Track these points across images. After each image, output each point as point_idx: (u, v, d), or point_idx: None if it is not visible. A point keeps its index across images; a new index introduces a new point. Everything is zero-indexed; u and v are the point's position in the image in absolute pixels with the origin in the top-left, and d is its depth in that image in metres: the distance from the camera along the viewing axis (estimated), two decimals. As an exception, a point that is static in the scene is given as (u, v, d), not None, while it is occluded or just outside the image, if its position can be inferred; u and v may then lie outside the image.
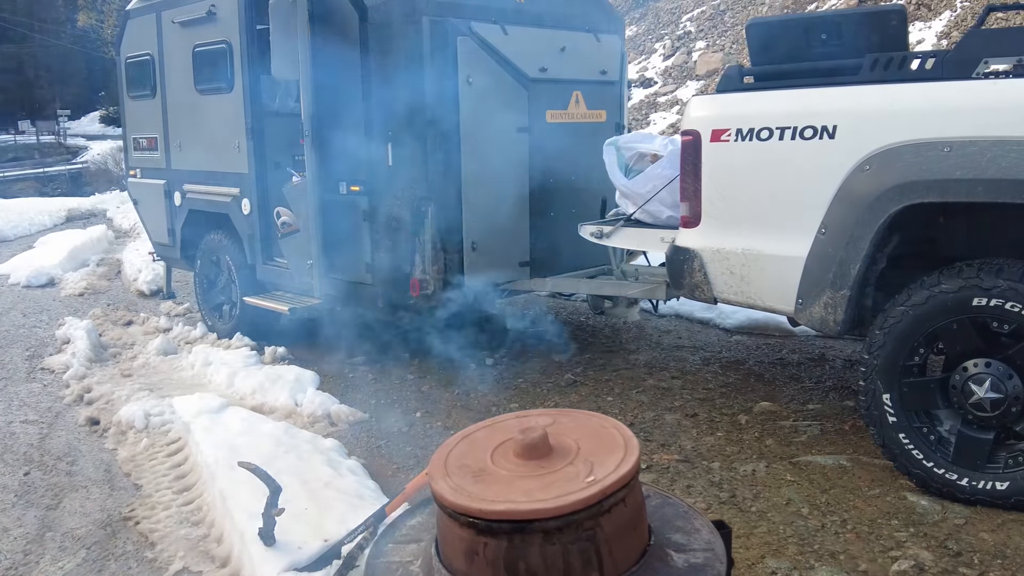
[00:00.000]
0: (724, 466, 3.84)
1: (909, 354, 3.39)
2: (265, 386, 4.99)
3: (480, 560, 1.34)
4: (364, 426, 4.64)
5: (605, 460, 1.39)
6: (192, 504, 3.76)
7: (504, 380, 5.25)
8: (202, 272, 6.64)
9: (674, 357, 5.54)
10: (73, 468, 4.33)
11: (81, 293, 8.71)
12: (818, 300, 3.60)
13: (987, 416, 3.26)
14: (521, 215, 5.33)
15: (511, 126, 5.23)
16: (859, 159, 3.43)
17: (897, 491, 3.48)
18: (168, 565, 3.31)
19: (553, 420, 1.54)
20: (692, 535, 1.50)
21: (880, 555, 3.03)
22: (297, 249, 5.40)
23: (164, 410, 4.66)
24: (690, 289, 4.07)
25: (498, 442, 1.51)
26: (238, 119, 5.83)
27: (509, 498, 1.32)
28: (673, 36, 16.74)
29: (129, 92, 7.16)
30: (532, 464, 1.41)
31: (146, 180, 7.06)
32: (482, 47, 5.09)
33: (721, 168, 3.85)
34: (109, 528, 3.66)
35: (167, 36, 6.50)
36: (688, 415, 4.49)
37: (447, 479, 1.39)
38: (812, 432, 4.14)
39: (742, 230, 3.83)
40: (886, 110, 3.40)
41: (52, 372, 5.96)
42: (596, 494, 1.30)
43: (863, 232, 3.42)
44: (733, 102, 3.86)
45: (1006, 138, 3.09)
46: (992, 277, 3.17)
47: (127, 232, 12.82)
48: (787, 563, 3.01)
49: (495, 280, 5.35)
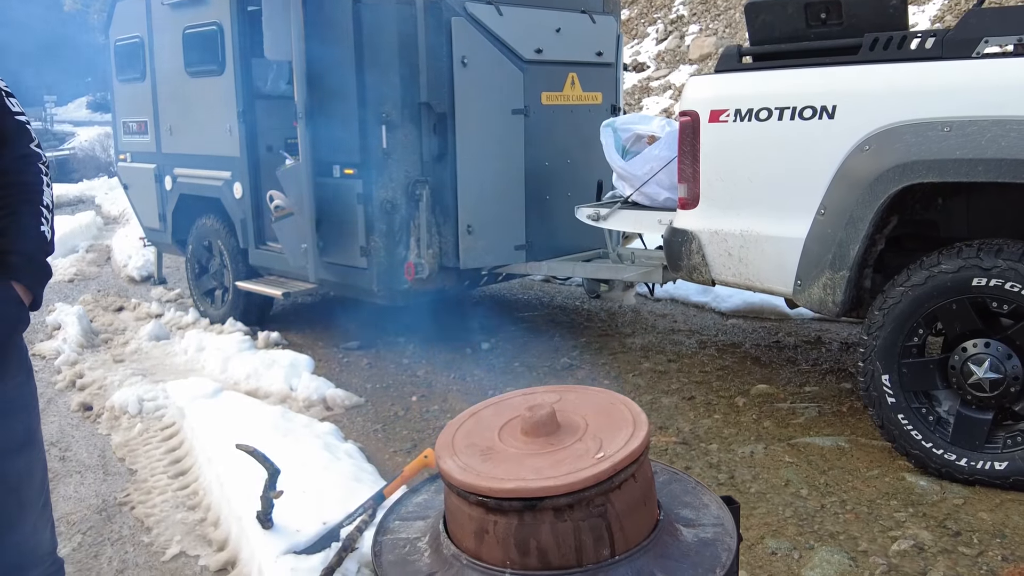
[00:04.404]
0: (722, 448, 3.84)
1: (908, 335, 3.39)
2: (260, 371, 4.95)
3: (491, 538, 1.32)
4: (360, 410, 4.62)
5: (614, 436, 1.37)
6: (188, 488, 3.74)
7: (500, 364, 5.24)
8: (194, 257, 6.59)
9: (670, 340, 5.53)
10: (67, 454, 4.29)
11: (71, 279, 8.64)
12: (817, 281, 3.59)
13: (986, 396, 3.26)
14: (516, 198, 5.29)
15: (506, 108, 5.18)
16: (859, 139, 3.41)
17: (896, 472, 3.48)
18: (165, 549, 3.29)
19: (560, 397, 1.52)
20: (701, 510, 1.49)
21: (880, 535, 3.03)
22: (291, 233, 5.35)
23: (158, 395, 4.63)
24: (688, 271, 4.05)
25: (505, 420, 1.49)
26: (229, 102, 5.76)
27: (519, 476, 1.30)
28: (666, 20, 16.66)
29: (118, 76, 7.07)
30: (541, 441, 1.39)
31: (136, 164, 6.99)
32: (477, 28, 5.04)
33: (719, 149, 3.82)
34: (104, 513, 3.64)
35: (157, 18, 6.41)
36: (685, 398, 4.48)
37: (455, 458, 1.37)
38: (810, 414, 4.14)
39: (741, 211, 3.81)
40: (886, 90, 3.38)
41: (43, 358, 5.90)
42: (607, 470, 1.28)
43: (863, 213, 3.41)
44: (731, 82, 3.83)
45: (1006, 118, 3.08)
46: (992, 257, 3.16)
47: (116, 219, 12.71)
48: (787, 543, 3.01)
49: (490, 263, 5.32)
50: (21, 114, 2.02)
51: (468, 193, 5.11)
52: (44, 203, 2.02)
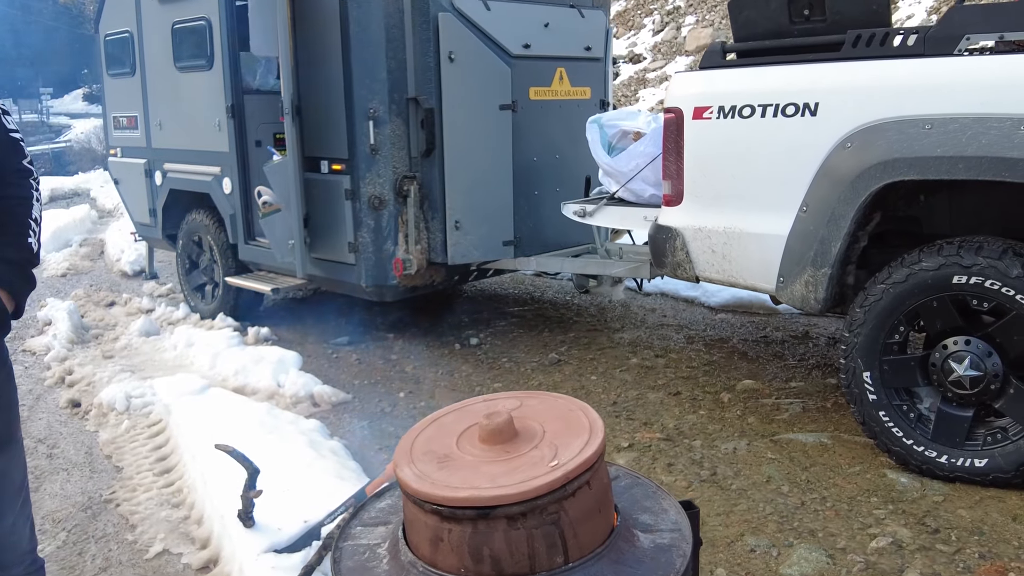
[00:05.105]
0: (705, 444, 3.85)
1: (889, 332, 3.39)
2: (248, 367, 4.96)
3: (445, 546, 1.32)
4: (347, 407, 4.63)
5: (570, 443, 1.37)
6: (173, 486, 3.75)
7: (489, 359, 5.24)
8: (184, 252, 6.59)
9: (659, 335, 5.54)
10: (54, 451, 4.31)
11: (63, 274, 8.64)
12: (799, 278, 3.59)
13: (966, 394, 3.27)
14: (505, 193, 5.29)
15: (494, 103, 5.17)
16: (841, 136, 3.41)
17: (877, 468, 3.49)
18: (148, 547, 3.31)
19: (521, 403, 1.53)
20: (660, 515, 1.49)
21: (859, 532, 3.05)
22: (278, 229, 5.35)
23: (145, 392, 4.64)
24: (672, 268, 4.06)
25: (466, 426, 1.49)
26: (218, 97, 5.75)
27: (473, 484, 1.30)
28: (662, 11, 16.61)
29: (109, 70, 7.05)
30: (498, 449, 1.39)
31: (127, 159, 6.98)
32: (464, 23, 5.02)
33: (703, 146, 3.82)
34: (90, 510, 3.65)
35: (146, 13, 6.40)
36: (671, 393, 4.49)
37: (412, 466, 1.38)
38: (794, 410, 4.16)
39: (724, 208, 3.81)
40: (868, 87, 3.37)
41: (33, 354, 5.91)
42: (559, 478, 1.29)
43: (844, 210, 3.41)
44: (715, 79, 3.82)
45: (987, 115, 3.08)
46: (972, 255, 3.16)
47: (110, 212, 12.71)
48: (766, 540, 3.03)
49: (479, 259, 5.33)
50: (15, 131, 2.19)
51: (456, 188, 5.10)
52: (33, 216, 2.18)
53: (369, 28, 4.87)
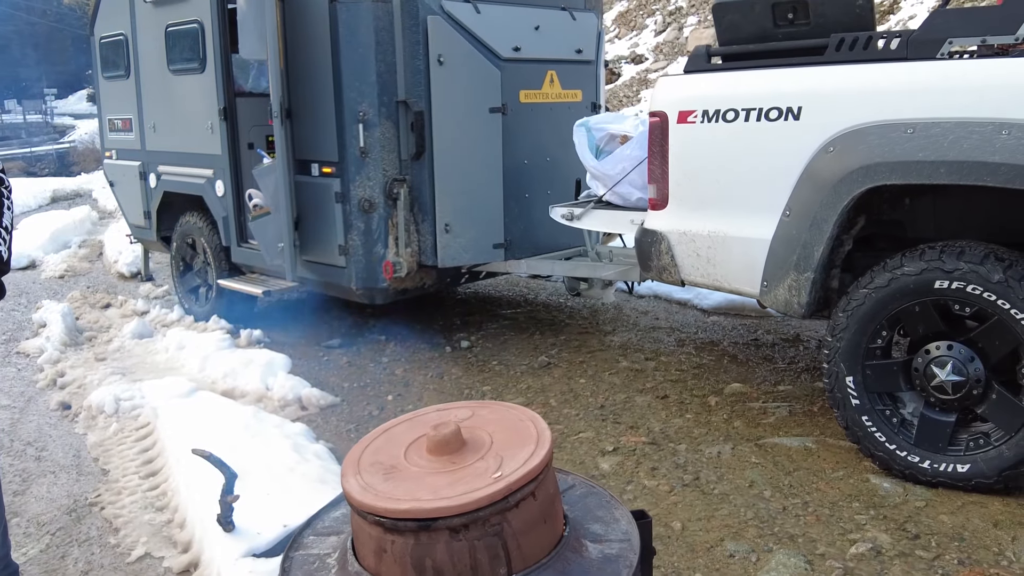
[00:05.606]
0: (690, 448, 3.85)
1: (872, 337, 3.38)
2: (237, 370, 4.97)
3: (389, 557, 1.33)
4: (335, 410, 4.64)
5: (516, 454, 1.37)
6: (158, 489, 3.76)
7: (479, 362, 5.24)
8: (178, 254, 6.61)
9: (649, 338, 5.53)
10: (42, 453, 4.32)
11: (61, 275, 8.67)
12: (782, 282, 3.58)
13: (949, 399, 3.26)
14: (495, 196, 5.28)
15: (484, 106, 5.17)
16: (823, 141, 3.40)
17: (860, 473, 3.48)
18: (131, 551, 3.32)
19: (472, 413, 1.53)
20: (611, 525, 1.49)
21: (839, 538, 3.04)
22: (269, 231, 5.36)
23: (134, 395, 4.65)
24: (658, 271, 4.05)
25: (415, 437, 1.49)
26: (210, 100, 5.77)
27: (415, 496, 1.30)
28: (664, 12, 16.59)
29: (104, 73, 7.08)
30: (444, 460, 1.39)
31: (122, 162, 7.00)
32: (453, 26, 5.02)
33: (687, 150, 3.81)
34: (75, 514, 3.66)
35: (140, 15, 6.41)
36: (659, 397, 4.49)
37: (358, 477, 1.38)
38: (780, 414, 4.14)
39: (708, 212, 3.80)
40: (850, 91, 3.36)
41: (27, 356, 5.94)
42: (501, 490, 1.29)
43: (827, 214, 3.39)
44: (699, 83, 3.81)
45: (969, 119, 3.06)
46: (954, 260, 3.15)
47: (111, 213, 12.73)
48: (746, 546, 3.02)
49: (469, 262, 5.33)
50: None
51: (446, 191, 5.10)
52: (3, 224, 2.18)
53: (358, 31, 4.87)
